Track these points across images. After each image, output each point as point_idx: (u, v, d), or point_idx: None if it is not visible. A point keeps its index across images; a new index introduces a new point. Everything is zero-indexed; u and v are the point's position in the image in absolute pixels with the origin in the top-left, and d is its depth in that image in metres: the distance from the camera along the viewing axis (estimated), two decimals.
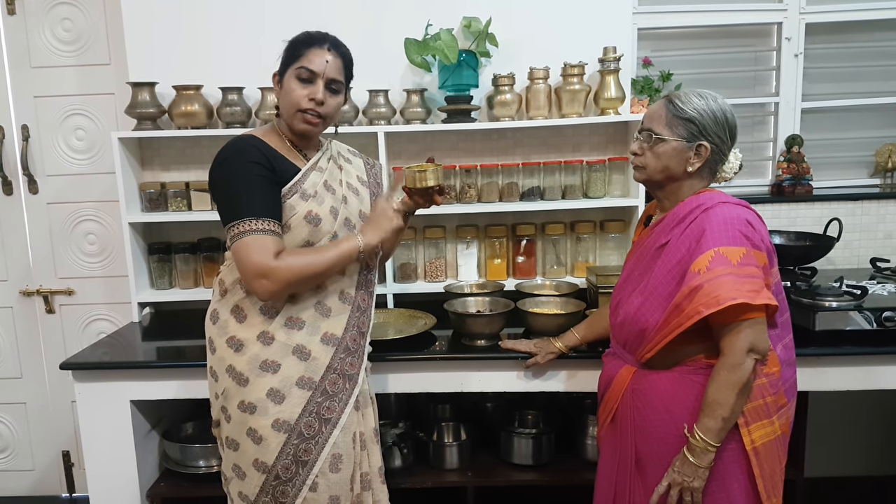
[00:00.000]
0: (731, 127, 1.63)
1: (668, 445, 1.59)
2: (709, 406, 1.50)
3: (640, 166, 1.67)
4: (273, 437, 1.60)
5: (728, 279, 1.47)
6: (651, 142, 1.63)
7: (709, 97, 1.62)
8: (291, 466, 1.61)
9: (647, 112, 1.69)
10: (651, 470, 1.62)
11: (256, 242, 1.53)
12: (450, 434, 2.47)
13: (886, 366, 2.05)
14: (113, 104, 2.82)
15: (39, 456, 3.10)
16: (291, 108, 1.63)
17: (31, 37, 2.80)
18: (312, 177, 1.67)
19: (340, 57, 1.66)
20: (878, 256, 2.71)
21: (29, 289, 2.95)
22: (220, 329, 1.67)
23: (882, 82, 2.95)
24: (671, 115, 1.61)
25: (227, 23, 2.61)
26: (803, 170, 2.84)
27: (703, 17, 2.89)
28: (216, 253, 2.72)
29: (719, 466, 1.55)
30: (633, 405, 1.66)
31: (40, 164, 2.88)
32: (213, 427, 1.77)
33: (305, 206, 1.62)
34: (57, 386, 3.02)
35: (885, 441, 2.98)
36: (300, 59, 1.62)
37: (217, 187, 1.61)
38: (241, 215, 1.54)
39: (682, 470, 1.53)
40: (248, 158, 1.58)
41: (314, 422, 1.63)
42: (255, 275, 1.53)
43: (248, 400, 1.61)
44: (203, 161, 2.73)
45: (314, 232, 1.63)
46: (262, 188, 1.57)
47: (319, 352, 1.65)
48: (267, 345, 1.62)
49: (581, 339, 2.04)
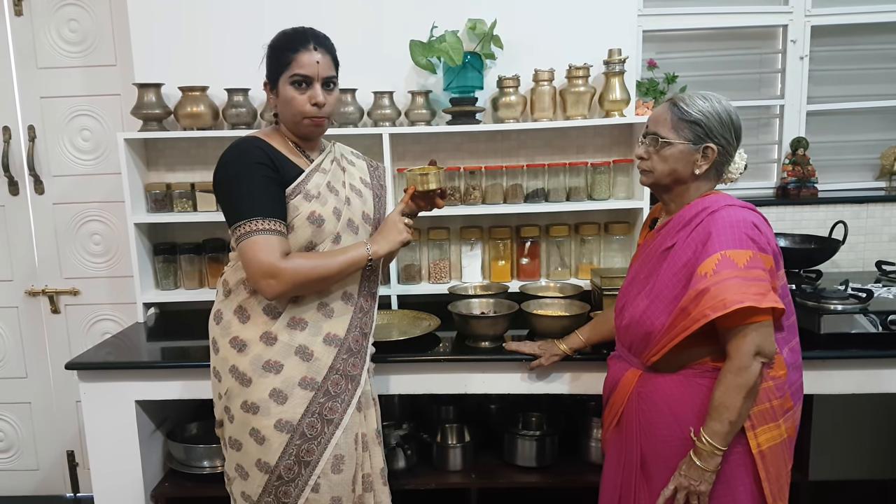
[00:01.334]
0: (737, 128, 1.63)
1: (673, 448, 1.58)
2: (716, 409, 1.50)
3: (647, 170, 1.67)
4: (275, 438, 1.60)
5: (734, 282, 1.46)
6: (657, 146, 1.63)
7: (713, 99, 1.62)
8: (294, 467, 1.61)
9: (651, 116, 1.68)
10: (656, 473, 1.62)
11: (264, 242, 1.54)
12: (453, 435, 2.47)
13: (891, 369, 2.05)
14: (119, 105, 2.83)
15: (44, 455, 3.11)
16: (295, 115, 1.65)
17: (37, 37, 2.81)
18: (316, 178, 1.67)
19: (327, 52, 1.66)
20: (883, 259, 2.70)
21: (34, 289, 2.97)
22: (223, 329, 1.67)
23: (887, 85, 2.95)
24: (676, 119, 1.61)
25: (232, 24, 2.62)
26: (808, 172, 2.84)
27: (708, 20, 2.89)
28: (221, 254, 2.73)
29: (725, 469, 1.54)
30: (639, 408, 1.66)
31: (46, 165, 2.89)
32: (216, 427, 1.78)
33: (308, 206, 1.63)
34: (62, 386, 3.03)
35: (889, 444, 2.97)
36: (291, 66, 1.61)
37: (222, 188, 1.61)
38: (247, 215, 1.55)
39: (688, 474, 1.53)
40: (253, 159, 1.58)
41: (316, 422, 1.63)
42: (263, 274, 1.53)
43: (250, 400, 1.62)
44: (208, 162, 2.74)
45: (317, 233, 1.64)
46: (268, 188, 1.58)
47: (322, 352, 1.65)
48: (270, 345, 1.63)
49: (585, 341, 2.04)
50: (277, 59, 1.63)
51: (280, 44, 1.65)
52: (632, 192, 2.67)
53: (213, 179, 1.64)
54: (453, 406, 2.59)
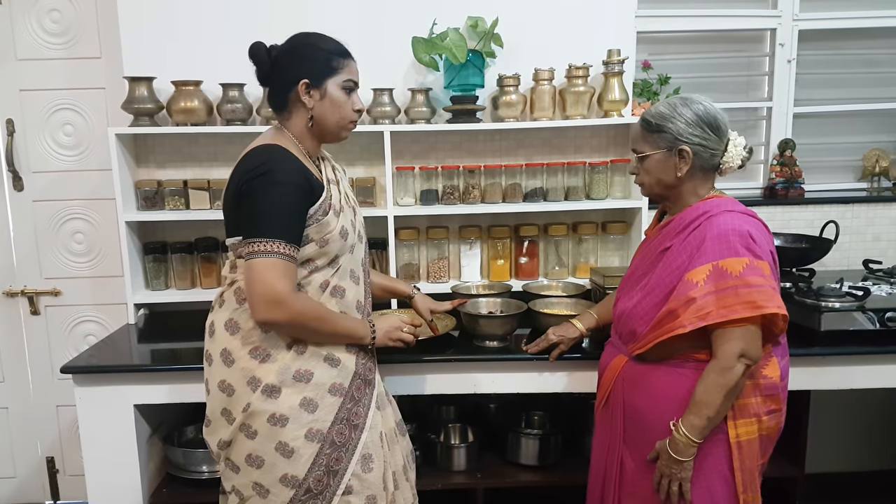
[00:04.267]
0: (709, 122, 1.63)
1: (652, 426, 1.66)
2: (696, 405, 1.56)
3: (640, 184, 1.76)
4: (305, 448, 1.56)
5: (723, 294, 1.53)
6: (639, 161, 1.72)
7: (676, 103, 1.66)
8: (323, 478, 1.58)
9: (629, 134, 1.74)
10: (636, 445, 1.72)
11: (284, 267, 1.50)
12: (457, 435, 2.46)
13: (890, 365, 2.11)
14: (104, 99, 2.73)
15: (21, 462, 2.99)
16: (342, 119, 1.65)
17: (16, 28, 2.69)
18: (334, 191, 1.67)
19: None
20: (868, 258, 2.78)
21: (13, 289, 2.84)
22: (242, 339, 1.60)
23: (871, 89, 3.04)
24: (646, 132, 1.69)
25: (227, 17, 2.55)
26: (796, 173, 2.91)
27: (699, 22, 2.93)
28: (214, 253, 2.66)
29: (704, 455, 1.60)
30: (623, 392, 1.74)
31: (26, 160, 2.77)
32: (218, 447, 1.65)
33: (338, 221, 1.62)
34: (41, 390, 2.91)
35: (885, 436, 3.06)
36: (342, 72, 1.64)
37: (255, 194, 1.52)
38: (274, 235, 1.49)
39: (668, 464, 1.60)
40: (292, 178, 1.53)
41: (345, 429, 1.61)
42: (270, 298, 1.49)
43: (279, 412, 1.56)
44: (201, 158, 2.66)
45: (342, 246, 1.64)
46: (301, 215, 1.55)
47: (346, 358, 1.65)
48: (300, 353, 1.59)
49: (598, 319, 2.07)
50: (327, 61, 1.62)
51: (330, 47, 1.64)
52: (629, 192, 2.69)
53: (240, 179, 1.55)
54: (454, 406, 2.58)
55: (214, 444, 1.66)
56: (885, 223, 2.93)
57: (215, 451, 1.67)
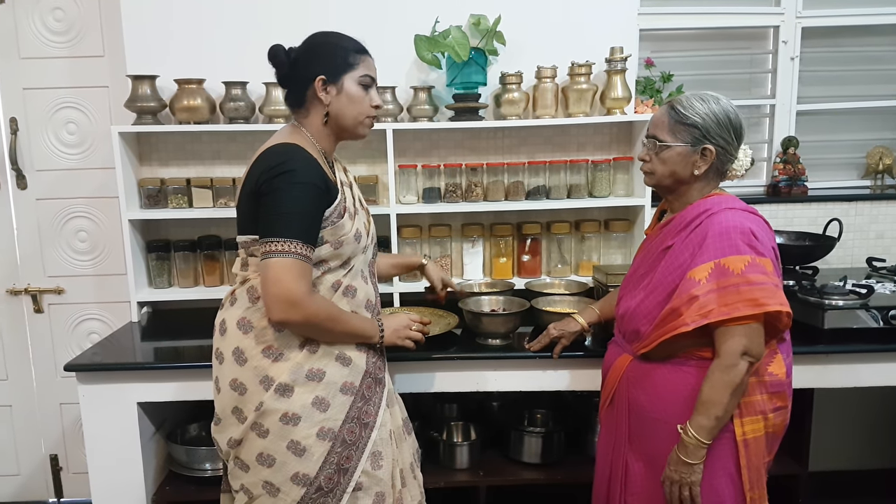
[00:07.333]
0: (736, 127, 1.65)
1: (657, 424, 1.66)
2: (703, 405, 1.55)
3: (649, 172, 1.71)
4: (317, 447, 1.56)
5: (725, 292, 1.52)
6: (656, 148, 1.67)
7: (710, 100, 1.64)
8: (334, 476, 1.58)
9: (652, 118, 1.72)
10: (641, 443, 1.71)
11: (301, 268, 1.50)
12: (459, 433, 2.46)
13: (892, 363, 2.11)
14: (107, 97, 2.74)
15: (25, 460, 3.00)
16: (359, 114, 1.65)
17: (20, 26, 2.69)
18: (347, 193, 1.68)
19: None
20: (872, 256, 2.77)
21: (16, 287, 2.85)
22: (255, 338, 1.59)
23: (873, 86, 3.03)
24: (674, 122, 1.64)
25: (229, 15, 2.55)
26: (799, 171, 2.90)
27: (702, 20, 2.92)
28: (217, 251, 2.66)
29: (709, 453, 1.58)
30: (628, 390, 1.73)
31: (29, 159, 2.78)
32: (227, 445, 1.63)
33: (353, 224, 1.63)
34: (45, 388, 2.92)
35: (888, 434, 3.06)
36: (359, 67, 1.63)
37: (274, 193, 1.51)
38: (294, 235, 1.49)
39: (677, 468, 1.58)
40: (311, 179, 1.53)
41: (356, 427, 1.62)
42: (286, 298, 1.48)
43: (292, 411, 1.56)
44: (203, 157, 2.67)
45: (356, 248, 1.64)
46: (319, 216, 1.55)
47: (357, 356, 1.66)
48: (312, 352, 1.59)
49: (600, 314, 2.06)
50: (344, 57, 1.62)
51: (346, 43, 1.65)
52: (631, 190, 2.69)
53: (261, 176, 1.53)
54: (456, 404, 2.58)
55: (224, 443, 1.65)
56: (888, 221, 2.92)
57: (224, 450, 1.66)
